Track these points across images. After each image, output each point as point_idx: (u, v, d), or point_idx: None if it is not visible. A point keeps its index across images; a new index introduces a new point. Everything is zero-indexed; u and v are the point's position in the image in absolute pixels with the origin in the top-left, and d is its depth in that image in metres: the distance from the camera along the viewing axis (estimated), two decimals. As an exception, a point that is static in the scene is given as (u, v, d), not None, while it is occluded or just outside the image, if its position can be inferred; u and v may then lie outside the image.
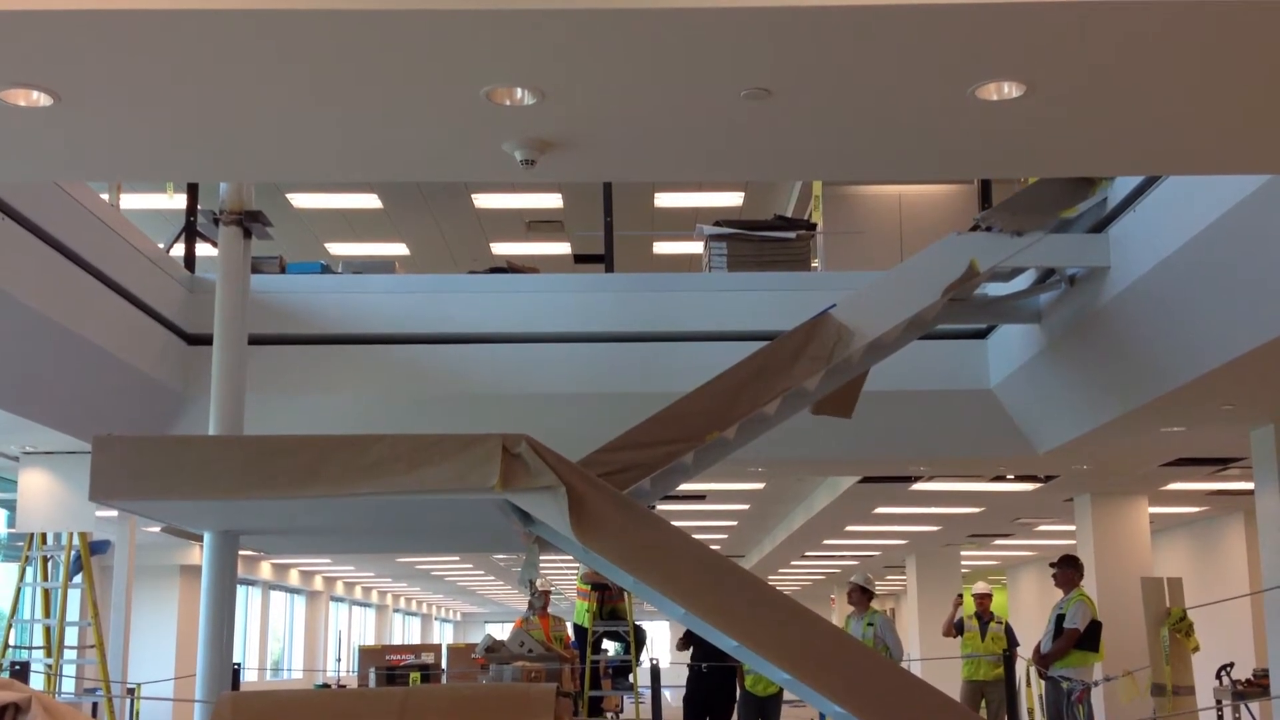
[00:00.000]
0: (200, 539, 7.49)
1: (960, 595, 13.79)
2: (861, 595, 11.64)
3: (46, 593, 10.09)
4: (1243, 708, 10.59)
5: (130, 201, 11.42)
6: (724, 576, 5.68)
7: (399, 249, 15.27)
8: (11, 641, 9.96)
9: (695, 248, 12.17)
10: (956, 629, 12.90)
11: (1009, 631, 12.62)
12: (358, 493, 5.38)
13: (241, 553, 7.60)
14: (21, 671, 9.54)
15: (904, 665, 10.89)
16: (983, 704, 12.18)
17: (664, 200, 13.73)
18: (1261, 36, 3.74)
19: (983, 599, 12.85)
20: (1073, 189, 7.43)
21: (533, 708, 4.98)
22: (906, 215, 11.66)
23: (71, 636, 10.28)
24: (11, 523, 13.14)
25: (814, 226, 10.88)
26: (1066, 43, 3.79)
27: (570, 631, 12.35)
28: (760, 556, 23.03)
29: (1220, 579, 15.93)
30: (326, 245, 15.09)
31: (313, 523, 6.92)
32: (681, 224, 13.53)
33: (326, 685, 16.28)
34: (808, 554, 22.02)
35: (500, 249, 15.05)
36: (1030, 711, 12.08)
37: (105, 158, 4.86)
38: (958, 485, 13.47)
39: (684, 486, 7.83)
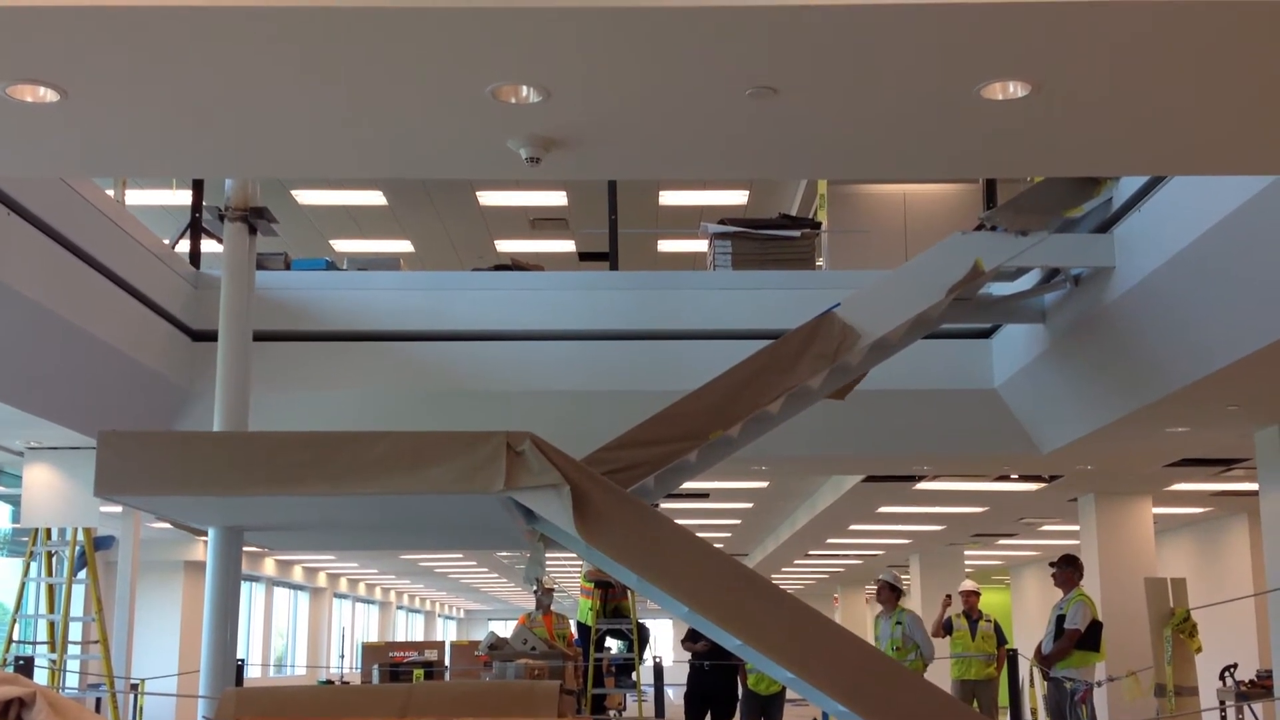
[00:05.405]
0: (205, 535, 7.51)
1: (949, 595, 13.70)
2: (890, 593, 11.42)
3: (51, 588, 10.11)
4: (1246, 709, 10.56)
5: (135, 197, 11.43)
6: (727, 575, 5.68)
7: (404, 246, 15.27)
8: (16, 636, 9.98)
9: (700, 246, 12.15)
10: (945, 629, 12.83)
11: (998, 630, 12.55)
12: (361, 491, 5.38)
13: (245, 549, 7.62)
14: (26, 666, 9.55)
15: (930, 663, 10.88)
16: (974, 704, 12.12)
17: (669, 198, 13.73)
18: (1269, 36, 3.74)
19: (970, 597, 12.77)
20: (1078, 189, 7.42)
21: (536, 705, 4.98)
22: (911, 214, 11.64)
23: (76, 632, 10.29)
24: (16, 518, 13.17)
25: (818, 225, 10.87)
26: (1072, 42, 3.79)
27: (573, 629, 12.35)
28: (764, 555, 23.01)
29: (1224, 580, 15.91)
30: (331, 242, 15.09)
31: (316, 519, 6.93)
32: (686, 222, 13.51)
33: (330, 682, 16.29)
34: (811, 553, 22.00)
35: (505, 246, 15.05)
36: (1033, 712, 12.06)
37: (111, 153, 4.86)
38: (962, 485, 13.45)
39: (687, 485, 7.83)
